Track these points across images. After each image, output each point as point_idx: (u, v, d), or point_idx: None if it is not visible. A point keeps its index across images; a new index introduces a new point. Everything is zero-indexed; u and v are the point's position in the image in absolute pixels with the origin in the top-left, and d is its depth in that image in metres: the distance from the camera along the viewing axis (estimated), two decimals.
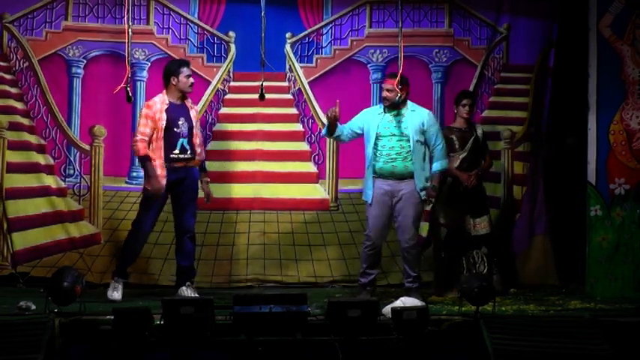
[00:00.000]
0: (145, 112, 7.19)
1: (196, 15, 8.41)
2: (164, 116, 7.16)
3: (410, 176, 7.16)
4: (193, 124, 7.31)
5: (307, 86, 8.44)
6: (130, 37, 7.02)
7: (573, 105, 8.23)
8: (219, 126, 8.42)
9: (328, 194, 8.46)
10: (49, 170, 8.15)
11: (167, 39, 8.37)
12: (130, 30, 7.05)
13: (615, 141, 7.77)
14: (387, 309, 6.18)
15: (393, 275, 8.04)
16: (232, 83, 8.44)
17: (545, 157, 8.49)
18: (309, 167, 8.49)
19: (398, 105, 7.21)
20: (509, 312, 6.81)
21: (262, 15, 7.25)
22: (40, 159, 8.13)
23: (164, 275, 7.94)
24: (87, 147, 8.20)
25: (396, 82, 7.10)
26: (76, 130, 8.22)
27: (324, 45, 8.51)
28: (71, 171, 8.21)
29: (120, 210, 8.19)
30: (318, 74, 8.48)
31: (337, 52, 8.51)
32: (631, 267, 7.67)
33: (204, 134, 7.91)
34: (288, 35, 8.42)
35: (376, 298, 6.35)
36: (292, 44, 8.44)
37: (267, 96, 7.34)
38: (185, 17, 8.38)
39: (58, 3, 8.19)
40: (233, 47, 8.39)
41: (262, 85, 7.23)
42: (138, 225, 7.29)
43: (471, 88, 8.39)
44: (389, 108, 7.21)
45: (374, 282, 7.33)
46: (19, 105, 8.14)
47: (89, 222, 8.18)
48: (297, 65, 8.43)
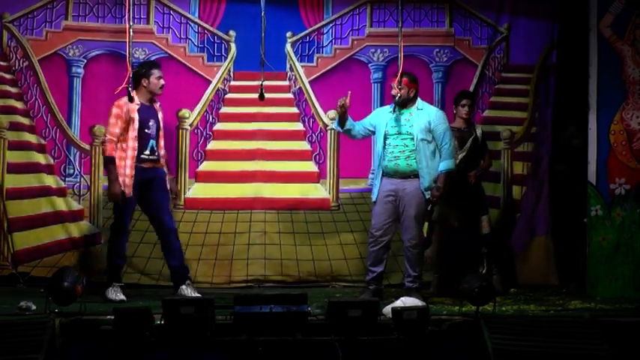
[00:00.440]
0: (116, 112, 7.09)
1: (197, 14, 8.41)
2: (136, 116, 7.12)
3: (414, 175, 7.14)
4: (161, 126, 7.33)
5: (308, 85, 8.44)
6: (131, 37, 7.02)
7: (574, 105, 8.22)
8: (219, 125, 8.41)
9: (329, 194, 8.44)
10: (49, 170, 8.14)
11: (167, 38, 8.37)
12: (131, 29, 7.04)
13: (616, 141, 7.77)
14: (388, 309, 6.17)
15: (394, 275, 8.03)
16: (233, 82, 8.43)
17: (550, 157, 8.47)
18: (310, 167, 8.48)
19: (406, 103, 7.22)
20: (509, 312, 6.80)
21: (263, 14, 7.26)
22: (41, 159, 8.13)
23: (164, 275, 7.92)
24: (87, 147, 8.20)
25: (396, 82, 7.12)
26: (76, 130, 8.21)
27: (325, 44, 8.50)
28: (71, 171, 8.21)
29: None
30: (318, 73, 8.48)
31: (338, 52, 8.51)
32: (631, 267, 7.67)
33: (204, 134, 7.88)
34: (288, 34, 8.41)
35: (377, 298, 6.35)
36: (293, 43, 8.44)
37: (267, 95, 7.35)
38: (185, 16, 8.38)
39: (58, 2, 8.19)
40: (233, 46, 8.39)
41: (262, 85, 7.23)
42: (117, 228, 7.21)
43: (472, 88, 8.39)
44: (397, 106, 7.21)
45: (378, 280, 7.28)
46: (19, 105, 8.14)
47: (89, 222, 8.18)
48: (297, 64, 8.43)
